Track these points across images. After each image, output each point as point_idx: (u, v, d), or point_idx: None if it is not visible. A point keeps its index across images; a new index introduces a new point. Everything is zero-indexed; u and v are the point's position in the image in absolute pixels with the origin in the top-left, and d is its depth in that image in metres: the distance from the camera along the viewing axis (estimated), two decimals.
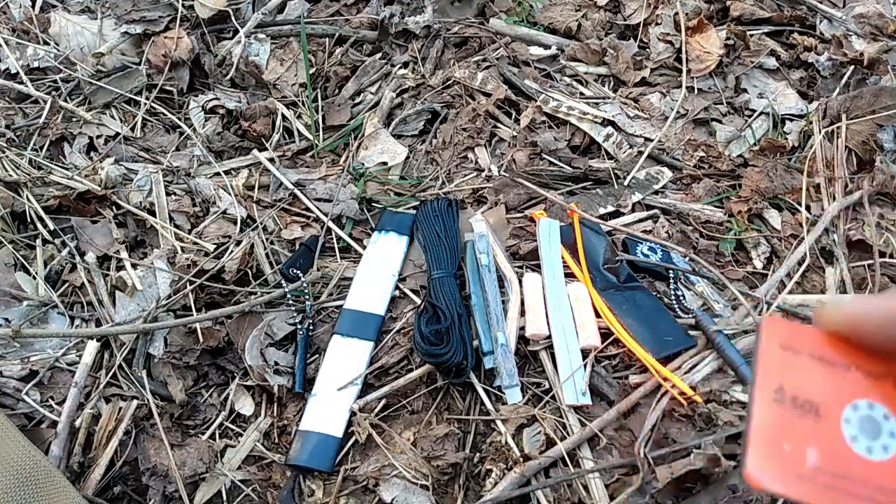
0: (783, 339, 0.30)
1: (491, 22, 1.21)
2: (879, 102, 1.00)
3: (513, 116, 1.09)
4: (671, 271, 0.88)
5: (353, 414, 0.77)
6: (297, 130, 1.08)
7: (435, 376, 0.80)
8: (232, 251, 0.89)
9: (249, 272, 0.88)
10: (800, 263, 0.90)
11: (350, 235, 0.94)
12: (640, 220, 0.96)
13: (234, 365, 0.83)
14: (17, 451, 0.65)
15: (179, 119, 1.08)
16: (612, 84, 1.14)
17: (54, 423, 0.75)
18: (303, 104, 1.10)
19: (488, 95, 1.08)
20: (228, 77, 1.13)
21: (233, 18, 1.18)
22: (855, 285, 0.88)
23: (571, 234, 0.91)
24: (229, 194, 0.97)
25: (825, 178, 0.98)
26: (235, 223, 0.94)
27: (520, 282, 0.85)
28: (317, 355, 0.83)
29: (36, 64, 1.12)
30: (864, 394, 0.28)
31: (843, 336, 0.30)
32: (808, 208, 0.96)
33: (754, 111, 1.08)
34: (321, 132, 1.07)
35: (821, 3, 1.22)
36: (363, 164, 1.01)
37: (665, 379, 0.77)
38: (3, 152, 0.97)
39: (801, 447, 0.28)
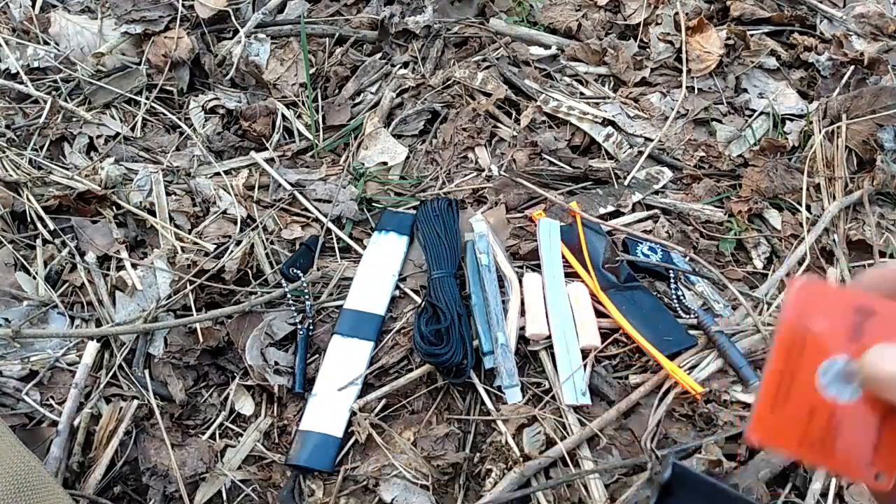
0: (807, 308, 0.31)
1: (491, 22, 1.21)
2: (879, 102, 1.00)
3: (513, 116, 1.09)
4: (671, 271, 0.88)
5: (353, 414, 0.77)
6: (297, 130, 1.07)
7: (435, 376, 0.80)
8: (232, 251, 0.89)
9: (249, 272, 0.88)
10: (800, 263, 0.90)
11: (350, 235, 0.94)
12: (641, 220, 0.95)
13: (234, 365, 0.83)
14: (14, 457, 0.64)
15: (179, 119, 1.08)
16: (612, 84, 1.14)
17: (54, 423, 0.75)
18: (303, 104, 1.10)
19: (488, 95, 1.08)
20: (228, 77, 1.13)
21: (233, 18, 1.18)
22: None
23: (573, 235, 0.91)
24: (229, 194, 0.97)
25: (825, 177, 0.98)
26: (235, 223, 0.94)
27: (520, 282, 0.85)
28: (317, 355, 0.83)
29: (36, 64, 1.12)
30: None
31: None
32: (808, 208, 0.96)
33: (754, 111, 1.08)
34: (321, 132, 1.07)
35: (821, 3, 1.22)
36: (363, 164, 1.01)
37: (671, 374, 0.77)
38: (3, 152, 0.97)
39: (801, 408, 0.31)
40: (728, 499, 0.55)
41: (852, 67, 1.11)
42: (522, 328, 0.82)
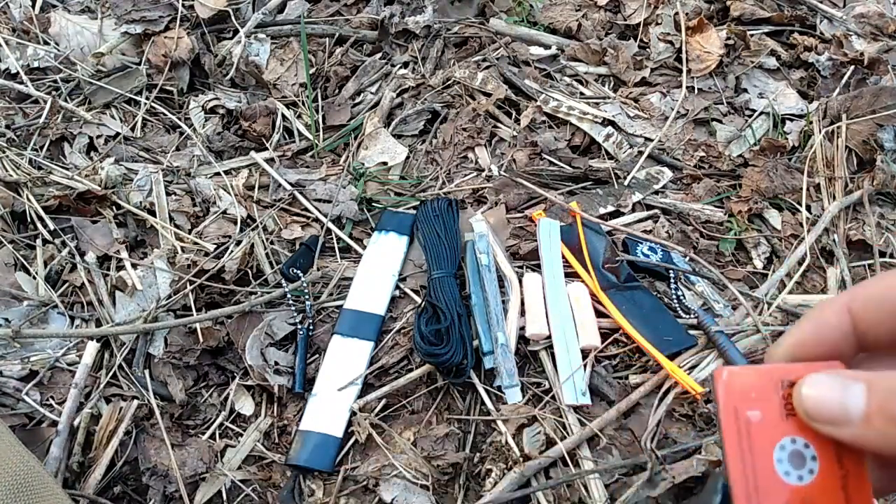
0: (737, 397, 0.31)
1: (491, 22, 1.21)
2: (879, 102, 1.00)
3: (513, 116, 1.09)
4: (671, 271, 0.88)
5: (353, 414, 0.77)
6: (297, 130, 1.08)
7: (435, 376, 0.80)
8: (232, 251, 0.89)
9: (249, 272, 0.88)
10: (800, 263, 0.90)
11: (350, 235, 0.94)
12: (641, 220, 0.96)
13: (234, 365, 0.83)
14: (14, 457, 0.64)
15: (179, 119, 1.08)
16: (612, 84, 1.14)
17: (54, 423, 0.75)
18: (303, 104, 1.10)
19: (488, 95, 1.08)
20: (228, 77, 1.13)
21: (233, 18, 1.18)
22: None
23: (573, 235, 0.91)
24: (229, 194, 0.97)
25: (825, 177, 0.98)
26: (235, 223, 0.94)
27: (520, 282, 0.85)
28: (317, 355, 0.83)
29: (36, 64, 1.12)
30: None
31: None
32: (808, 208, 0.96)
33: (754, 111, 1.08)
34: (321, 132, 1.07)
35: (821, 3, 1.22)
36: (363, 164, 1.01)
37: (671, 374, 0.77)
38: (3, 152, 0.97)
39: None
40: None
41: (852, 67, 1.11)
42: (522, 328, 0.82)
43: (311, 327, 0.85)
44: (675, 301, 0.86)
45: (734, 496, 0.30)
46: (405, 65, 1.18)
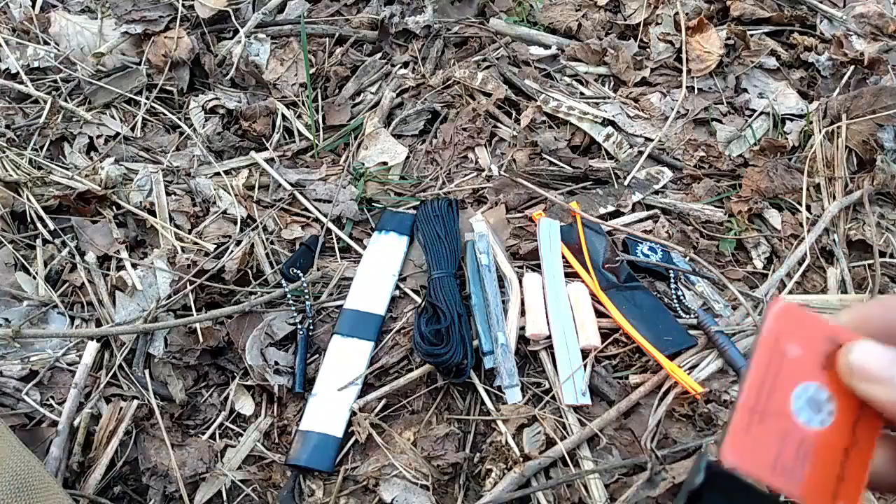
0: (787, 330, 0.31)
1: (491, 22, 1.21)
2: (879, 102, 1.00)
3: (513, 116, 1.09)
4: (671, 271, 0.88)
5: (353, 414, 0.77)
6: (297, 130, 1.07)
7: (435, 376, 0.80)
8: (232, 251, 0.89)
9: (249, 272, 0.88)
10: (800, 263, 0.90)
11: (350, 235, 0.94)
12: (641, 220, 0.96)
13: (234, 365, 0.83)
14: (14, 457, 0.64)
15: (179, 119, 1.08)
16: (612, 84, 1.14)
17: (54, 423, 0.75)
18: (303, 104, 1.10)
19: (488, 95, 1.08)
20: (228, 77, 1.13)
21: (233, 18, 1.18)
22: (855, 285, 0.88)
23: (573, 235, 0.91)
24: (229, 194, 0.97)
25: (825, 177, 0.98)
26: (235, 223, 0.94)
27: (520, 282, 0.85)
28: (317, 355, 0.83)
29: (36, 64, 1.12)
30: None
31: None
32: (808, 208, 0.96)
33: (754, 111, 1.08)
34: (321, 132, 1.07)
35: (821, 3, 1.22)
36: (363, 164, 1.01)
37: (671, 374, 0.77)
38: (3, 152, 0.97)
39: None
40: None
41: (852, 67, 1.11)
42: (522, 328, 0.82)
43: (311, 327, 0.85)
44: (675, 301, 0.86)
45: (738, 408, 0.30)
46: (405, 65, 1.18)
